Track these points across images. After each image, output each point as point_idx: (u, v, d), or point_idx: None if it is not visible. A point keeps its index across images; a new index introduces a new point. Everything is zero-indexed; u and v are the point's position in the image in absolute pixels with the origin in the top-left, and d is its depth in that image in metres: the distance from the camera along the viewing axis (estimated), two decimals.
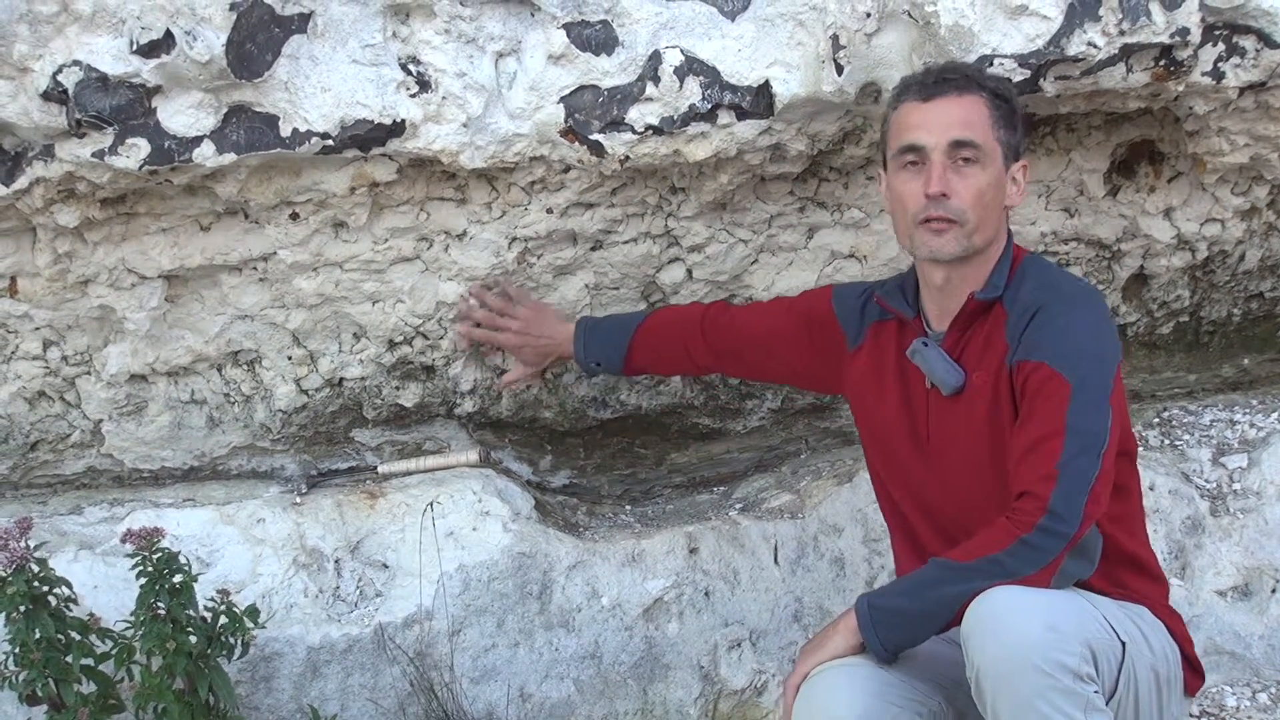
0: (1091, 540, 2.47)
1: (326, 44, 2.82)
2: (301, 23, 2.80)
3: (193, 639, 2.84)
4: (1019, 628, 2.28)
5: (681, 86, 2.86)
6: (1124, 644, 2.42)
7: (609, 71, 2.87)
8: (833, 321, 2.88)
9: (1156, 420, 3.63)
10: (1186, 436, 3.57)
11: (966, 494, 2.64)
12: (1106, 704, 2.35)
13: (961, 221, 2.54)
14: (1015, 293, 2.59)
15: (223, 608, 2.91)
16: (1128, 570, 2.62)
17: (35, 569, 2.81)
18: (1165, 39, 2.78)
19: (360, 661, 3.18)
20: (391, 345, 3.30)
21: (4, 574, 2.78)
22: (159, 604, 2.83)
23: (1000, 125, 2.57)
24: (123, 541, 2.87)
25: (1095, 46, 2.78)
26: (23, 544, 2.81)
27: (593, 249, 3.21)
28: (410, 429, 3.49)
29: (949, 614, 2.40)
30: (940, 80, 2.58)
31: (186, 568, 2.88)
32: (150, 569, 2.84)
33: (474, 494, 3.30)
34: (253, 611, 2.93)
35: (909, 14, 2.80)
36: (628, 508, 3.61)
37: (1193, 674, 2.66)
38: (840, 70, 2.84)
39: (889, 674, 2.49)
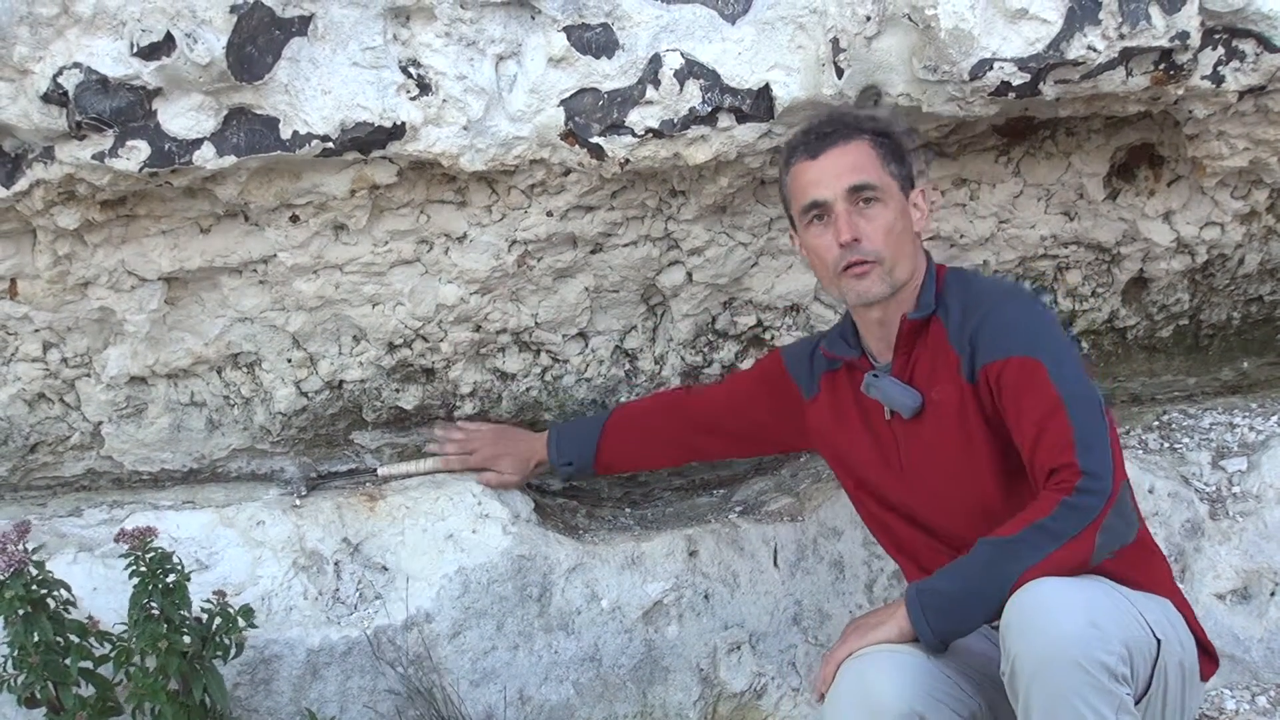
0: (1126, 497, 2.51)
1: (327, 46, 2.82)
2: (302, 25, 2.79)
3: (186, 639, 2.83)
4: (1062, 622, 2.30)
5: (682, 89, 2.86)
6: (1159, 641, 2.44)
7: (609, 74, 2.87)
8: (786, 378, 3.01)
9: (1156, 423, 3.63)
10: (1186, 440, 3.57)
11: (953, 506, 2.70)
12: (1137, 703, 2.38)
13: (879, 260, 2.65)
14: (946, 306, 2.69)
15: (217, 608, 2.91)
16: (1134, 549, 2.62)
17: (33, 572, 2.81)
18: (1165, 43, 2.78)
19: (359, 664, 3.18)
20: (391, 348, 3.30)
21: (2, 578, 2.78)
22: (152, 604, 2.83)
23: (889, 161, 2.69)
24: (116, 541, 2.87)
25: (1095, 50, 2.78)
26: (21, 547, 2.81)
27: (593, 252, 3.21)
28: (410, 431, 3.49)
29: (1000, 592, 2.41)
30: (823, 135, 2.70)
31: (180, 567, 2.88)
32: (143, 568, 2.83)
33: (473, 496, 3.30)
34: (246, 611, 2.93)
35: (909, 17, 2.80)
36: (627, 510, 3.61)
37: (1208, 660, 2.68)
38: (840, 73, 2.85)
39: (937, 669, 2.50)
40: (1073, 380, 2.52)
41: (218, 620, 2.91)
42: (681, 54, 2.86)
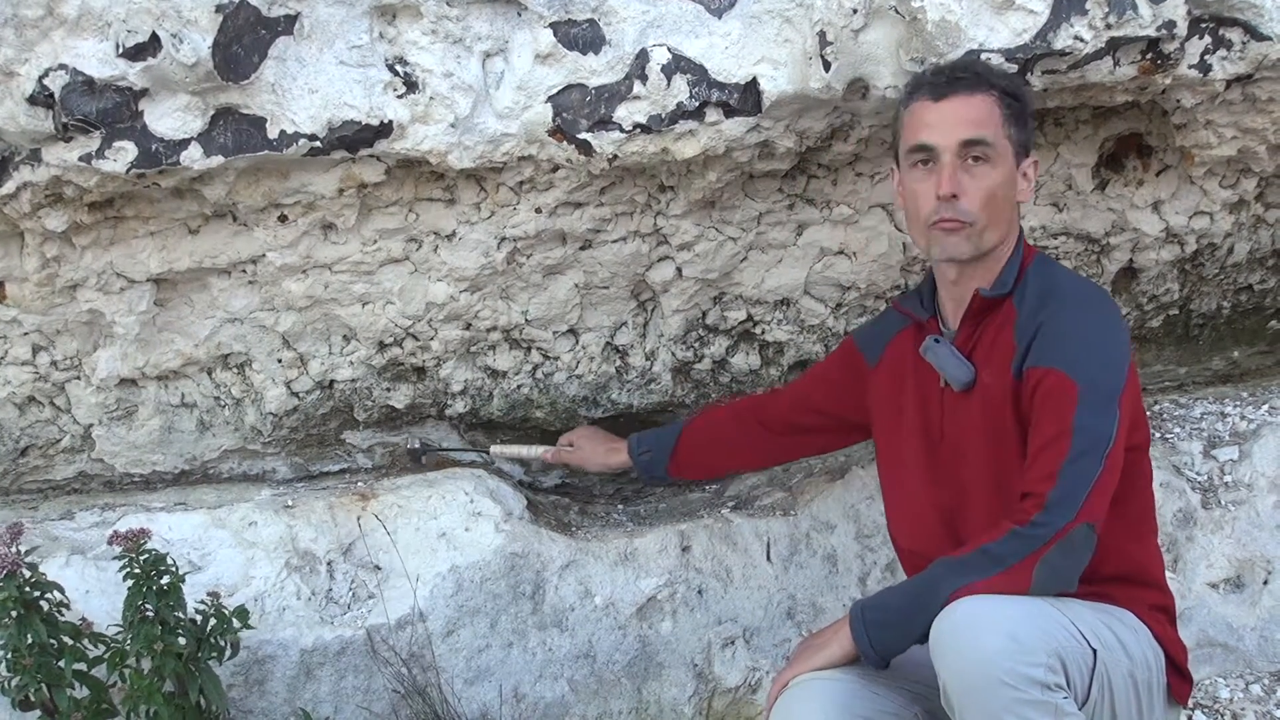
0: (1081, 539, 2.43)
1: (313, 45, 2.82)
2: (288, 24, 2.79)
3: (181, 641, 2.83)
4: (980, 641, 2.29)
5: (669, 84, 2.86)
6: (1095, 650, 2.41)
7: (596, 70, 2.87)
8: (854, 352, 2.97)
9: (1147, 414, 3.63)
10: (1177, 429, 3.58)
11: (975, 489, 2.65)
12: (1081, 708, 2.36)
13: (972, 221, 2.57)
14: (1024, 292, 2.61)
15: (212, 610, 2.91)
16: (1117, 577, 2.60)
17: (26, 574, 2.81)
18: (1152, 32, 2.78)
19: (353, 664, 3.17)
20: (381, 347, 3.30)
21: None
22: (147, 606, 2.83)
23: (1011, 123, 2.59)
24: (110, 543, 2.86)
25: (1082, 40, 2.78)
26: (13, 549, 2.80)
27: (582, 248, 3.21)
28: (401, 430, 3.49)
29: (936, 609, 2.40)
30: (952, 79, 2.60)
31: (174, 568, 2.87)
32: (137, 570, 2.83)
33: (466, 494, 3.30)
34: (241, 612, 2.93)
35: (895, 9, 2.80)
36: (620, 506, 3.62)
37: (1180, 680, 2.64)
38: (827, 67, 2.84)
39: (864, 687, 2.52)
40: (1095, 415, 2.44)
41: (212, 621, 2.91)
42: (668, 49, 2.86)
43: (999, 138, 2.58)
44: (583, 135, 2.89)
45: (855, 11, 2.81)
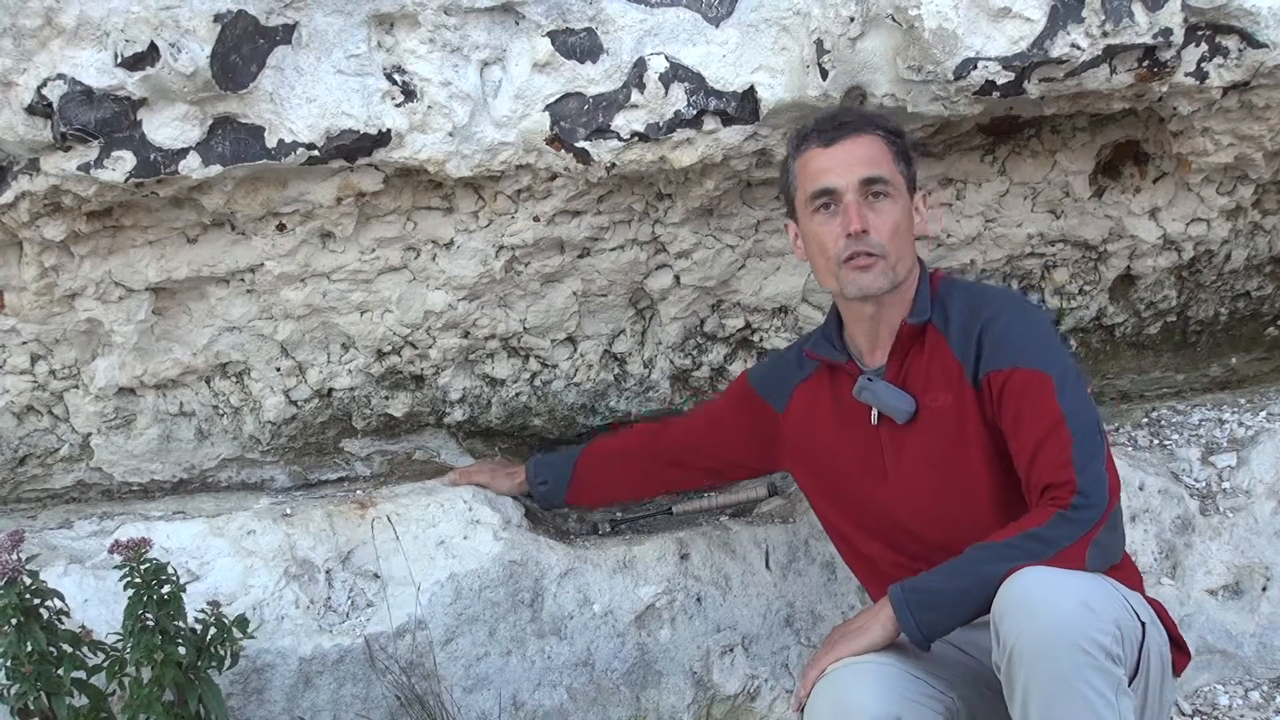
0: (1118, 517, 2.55)
1: (311, 55, 2.82)
2: (286, 34, 2.79)
3: (181, 650, 2.83)
4: (1056, 605, 2.30)
5: (666, 93, 2.86)
6: (1144, 624, 2.45)
7: (594, 79, 2.87)
8: (754, 397, 3.00)
9: (1145, 420, 3.64)
10: (1175, 436, 3.58)
11: (941, 514, 2.68)
12: (1130, 685, 2.38)
13: (884, 255, 2.64)
14: (944, 314, 2.68)
15: (212, 619, 2.90)
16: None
17: (27, 581, 2.80)
18: (1148, 40, 2.79)
19: (352, 672, 3.17)
20: (380, 355, 3.30)
21: None
22: (147, 615, 2.83)
23: (899, 159, 2.70)
24: (111, 552, 2.86)
25: (1079, 48, 2.78)
26: (14, 557, 2.80)
27: (580, 256, 3.21)
28: (400, 439, 3.49)
29: (988, 590, 2.40)
30: (838, 125, 2.69)
31: (175, 578, 2.87)
32: (138, 579, 2.83)
33: (464, 502, 3.30)
34: (241, 622, 2.92)
35: (892, 18, 2.80)
36: (618, 514, 3.61)
37: (1179, 652, 2.66)
38: (825, 75, 2.85)
39: (909, 671, 2.50)
40: (1076, 398, 2.53)
41: (212, 630, 2.91)
42: (666, 57, 2.86)
43: (894, 174, 2.67)
44: (580, 144, 2.90)
45: (852, 20, 2.81)
